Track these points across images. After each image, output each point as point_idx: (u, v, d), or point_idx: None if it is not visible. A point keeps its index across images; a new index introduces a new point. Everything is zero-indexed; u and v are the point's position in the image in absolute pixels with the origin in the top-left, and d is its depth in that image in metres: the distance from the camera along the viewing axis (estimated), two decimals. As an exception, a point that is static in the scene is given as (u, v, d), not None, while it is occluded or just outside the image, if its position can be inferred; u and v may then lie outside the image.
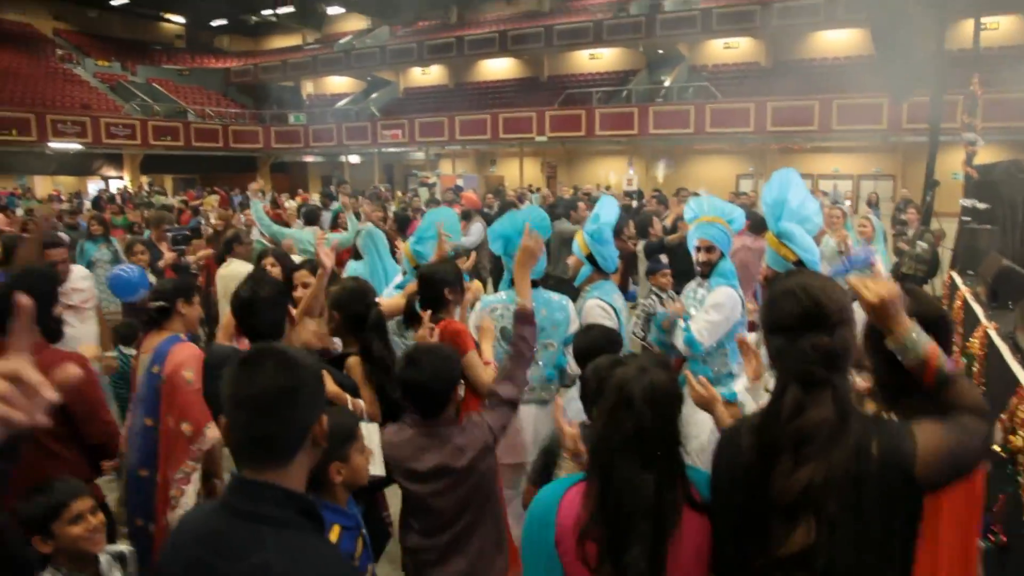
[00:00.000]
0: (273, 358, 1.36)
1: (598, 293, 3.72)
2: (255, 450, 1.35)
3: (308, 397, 1.38)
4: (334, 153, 30.70)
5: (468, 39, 29.11)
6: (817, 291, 1.49)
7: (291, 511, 1.34)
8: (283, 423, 1.34)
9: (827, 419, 1.42)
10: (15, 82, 26.44)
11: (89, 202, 22.55)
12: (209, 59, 37.45)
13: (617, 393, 1.59)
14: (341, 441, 2.05)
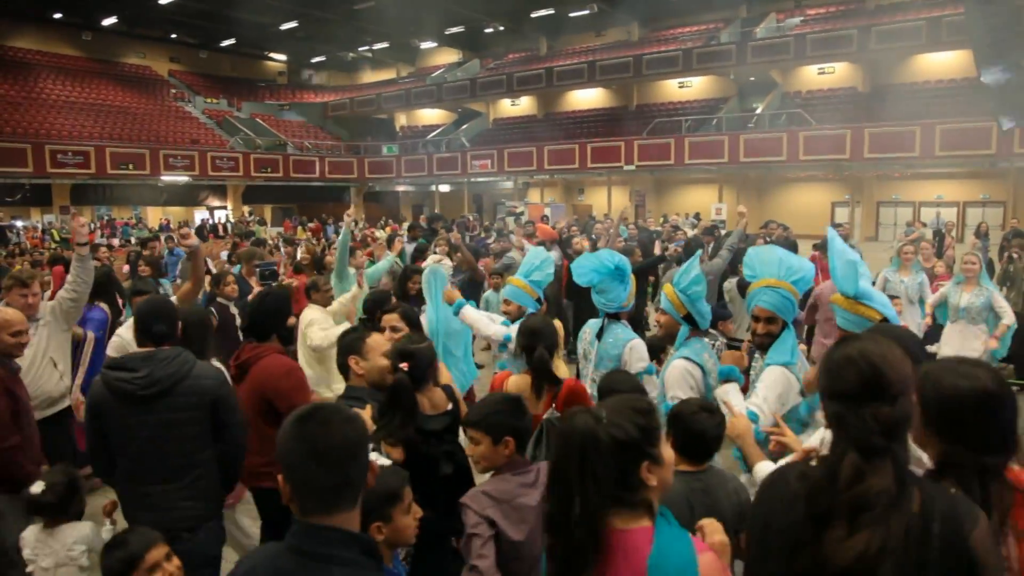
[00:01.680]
0: (337, 414, 1.50)
1: (688, 352, 3.34)
2: (326, 497, 1.47)
3: (366, 449, 1.53)
4: (425, 183, 31.46)
5: (557, 70, 29.42)
6: (878, 359, 1.47)
7: (356, 551, 1.46)
8: (351, 472, 1.48)
9: (887, 488, 1.41)
10: (133, 120, 28.35)
11: (194, 231, 23.88)
12: (308, 94, 39.15)
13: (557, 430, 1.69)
14: (384, 501, 2.12)
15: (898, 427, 1.46)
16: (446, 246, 9.31)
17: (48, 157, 23.06)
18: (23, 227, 23.03)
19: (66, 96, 28.50)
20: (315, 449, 1.45)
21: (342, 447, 1.46)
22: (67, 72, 30.65)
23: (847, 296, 3.01)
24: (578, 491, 1.56)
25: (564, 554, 1.57)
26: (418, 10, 27.84)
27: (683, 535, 1.64)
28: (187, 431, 2.83)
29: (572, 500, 1.56)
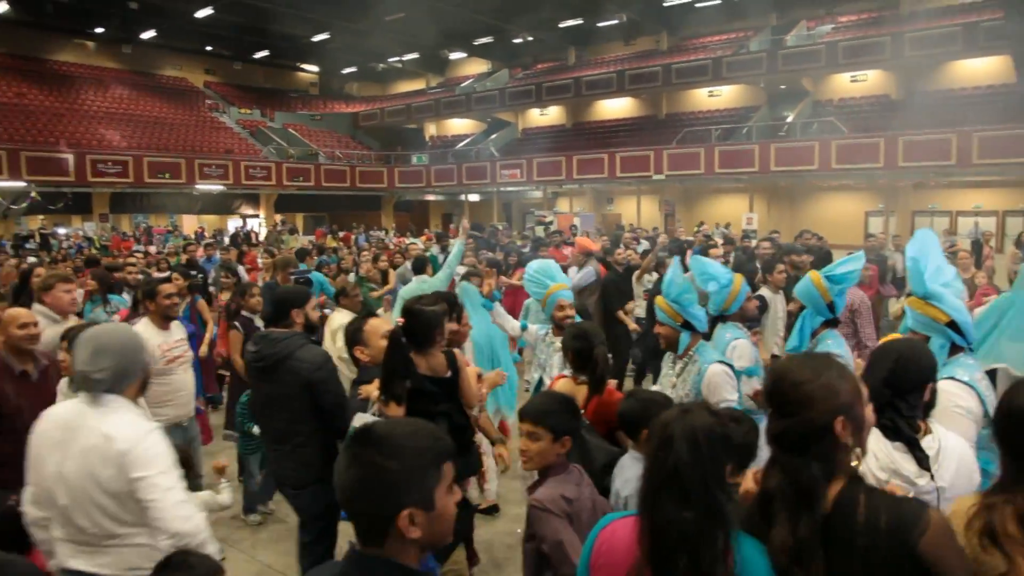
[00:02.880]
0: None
1: (716, 355, 3.59)
2: (358, 527, 1.49)
3: (387, 487, 1.45)
4: (454, 192, 31.68)
5: (586, 79, 29.53)
6: (779, 376, 1.65)
7: None
8: (365, 509, 1.47)
9: (773, 489, 1.60)
10: (170, 131, 28.95)
11: (228, 238, 24.30)
12: (340, 104, 39.65)
13: (659, 432, 1.65)
14: None
15: (788, 438, 1.58)
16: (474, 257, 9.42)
17: (89, 166, 23.63)
18: (65, 234, 23.56)
19: (107, 107, 29.21)
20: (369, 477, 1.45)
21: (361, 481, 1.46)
22: (107, 84, 31.42)
23: (917, 296, 3.05)
24: (719, 491, 1.57)
25: (698, 569, 1.55)
26: (447, 21, 28.15)
27: (757, 541, 1.67)
28: (289, 404, 3.41)
29: (712, 502, 1.56)
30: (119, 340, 2.47)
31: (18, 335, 3.60)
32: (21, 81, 28.51)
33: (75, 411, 2.42)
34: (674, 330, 3.60)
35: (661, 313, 3.61)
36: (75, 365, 2.43)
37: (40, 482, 2.44)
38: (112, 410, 2.39)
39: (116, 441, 2.31)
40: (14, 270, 10.82)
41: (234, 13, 28.24)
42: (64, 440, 2.38)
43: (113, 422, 2.36)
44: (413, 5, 26.71)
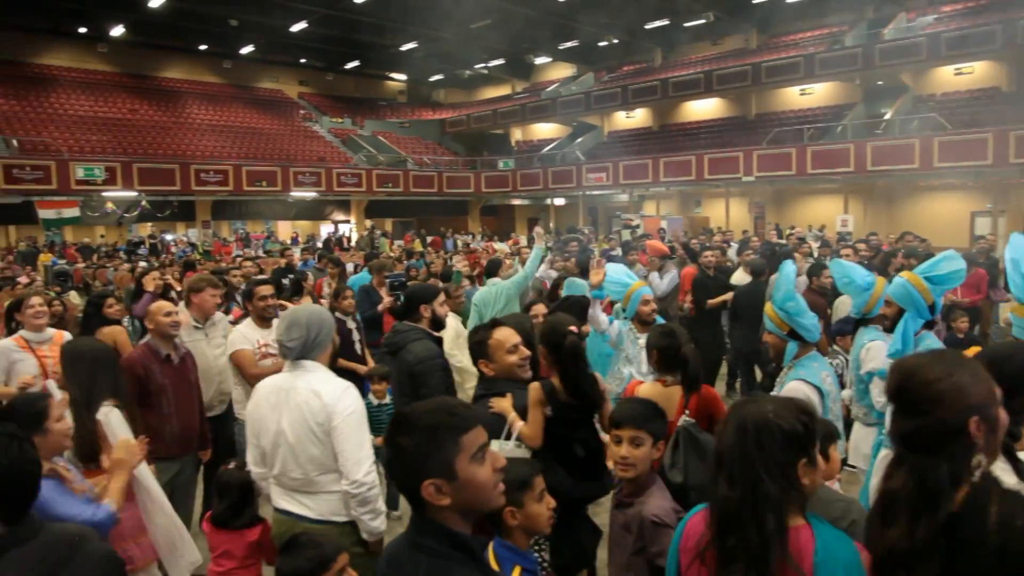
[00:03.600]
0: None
1: (804, 373, 3.32)
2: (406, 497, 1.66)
3: (407, 462, 1.62)
4: (540, 196, 31.83)
5: (672, 81, 29.18)
6: (906, 375, 1.61)
7: (445, 544, 1.59)
8: (398, 484, 1.66)
9: (897, 490, 1.56)
10: (267, 140, 30.18)
11: (321, 243, 25.11)
12: (427, 111, 40.43)
13: (726, 418, 1.76)
14: (513, 488, 2.20)
15: (917, 438, 1.55)
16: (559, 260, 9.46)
17: (193, 176, 24.90)
18: (172, 240, 24.87)
19: (209, 120, 30.70)
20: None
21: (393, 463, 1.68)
22: (210, 98, 33.02)
23: (1020, 302, 2.96)
24: (765, 475, 1.62)
25: (751, 548, 1.61)
26: (533, 27, 28.31)
27: (843, 534, 1.70)
28: (401, 388, 3.86)
29: (758, 485, 1.62)
30: (306, 316, 3.01)
31: (164, 322, 4.13)
32: (133, 97, 30.30)
33: (283, 377, 2.98)
34: (781, 339, 3.46)
35: (769, 322, 3.48)
36: (277, 335, 3.08)
37: (262, 442, 2.97)
38: (311, 372, 2.93)
39: (323, 395, 2.82)
40: (128, 274, 11.52)
41: (327, 26, 29.20)
42: (280, 401, 2.90)
43: (317, 380, 2.90)
44: (499, 12, 27.02)
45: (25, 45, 29.99)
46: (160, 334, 4.15)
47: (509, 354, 3.07)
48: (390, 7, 25.68)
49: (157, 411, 4.03)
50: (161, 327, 4.13)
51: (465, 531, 1.64)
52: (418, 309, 3.99)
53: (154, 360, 4.10)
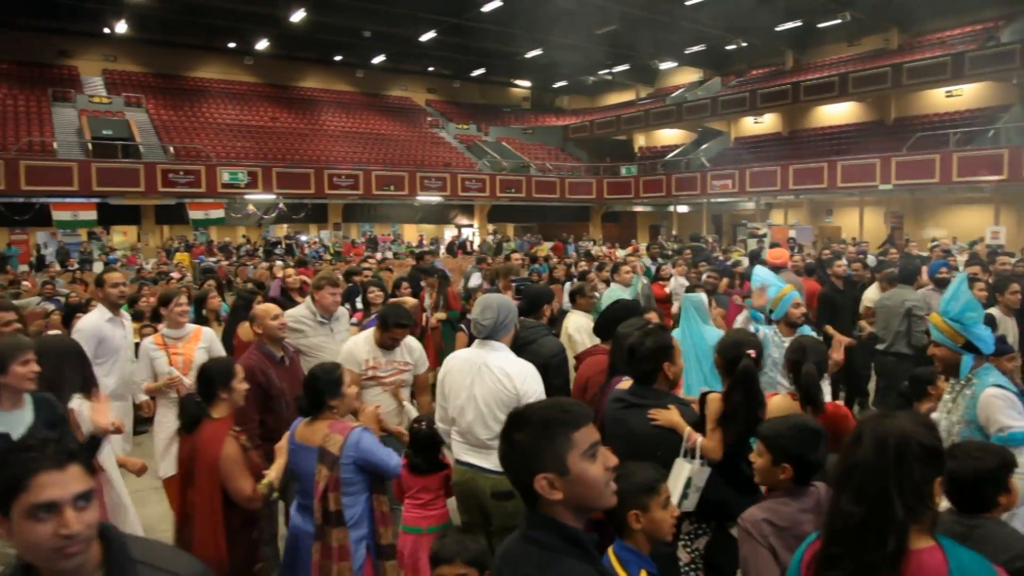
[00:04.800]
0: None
1: (994, 379, 3.17)
2: (519, 492, 1.70)
3: (521, 456, 1.66)
4: (663, 203, 31.36)
5: (804, 84, 28.06)
6: None
7: (556, 537, 1.62)
8: (512, 480, 1.70)
9: None
10: (395, 146, 31.26)
11: (444, 247, 25.75)
12: (550, 118, 40.72)
13: (854, 431, 1.70)
14: (639, 492, 2.26)
15: None
16: (684, 267, 9.32)
17: (326, 180, 26.13)
18: (306, 241, 26.20)
19: (342, 127, 32.16)
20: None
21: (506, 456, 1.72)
22: (343, 106, 34.61)
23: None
24: (897, 494, 1.55)
25: (862, 566, 1.57)
26: (658, 31, 27.95)
27: (980, 556, 1.60)
28: None
29: (887, 505, 1.56)
30: (497, 302, 3.63)
31: (273, 325, 4.21)
32: (274, 106, 32.18)
33: (475, 352, 3.59)
34: (953, 352, 3.24)
35: (938, 333, 3.27)
36: (472, 315, 3.73)
37: (449, 404, 3.56)
38: (499, 351, 3.55)
39: (513, 377, 3.41)
40: (267, 271, 12.24)
41: (454, 35, 29.96)
42: (472, 373, 3.50)
43: (505, 359, 3.51)
44: (624, 18, 26.86)
45: (182, 60, 32.62)
46: (270, 337, 4.22)
47: (680, 357, 3.19)
48: (516, 16, 26.04)
49: (276, 414, 4.10)
50: (270, 331, 4.21)
51: (569, 524, 1.67)
52: (541, 308, 4.49)
53: (270, 365, 4.17)
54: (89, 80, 29.89)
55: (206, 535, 3.00)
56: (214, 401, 3.19)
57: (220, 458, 3.01)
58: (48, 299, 11.28)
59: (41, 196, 21.43)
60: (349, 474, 3.10)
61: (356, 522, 3.13)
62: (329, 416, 3.22)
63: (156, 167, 23.35)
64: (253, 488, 3.07)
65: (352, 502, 3.13)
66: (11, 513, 1.45)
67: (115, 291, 5.12)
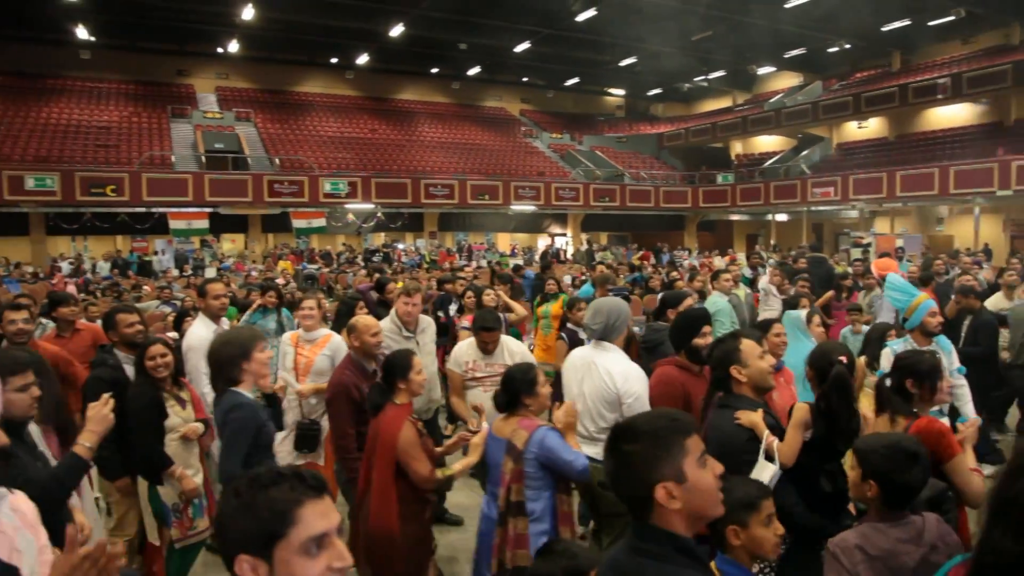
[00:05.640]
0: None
1: None
2: (628, 508, 1.69)
3: (637, 466, 1.65)
4: (760, 212, 30.59)
5: (913, 86, 26.80)
6: None
7: (668, 548, 1.61)
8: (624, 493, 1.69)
9: None
10: (489, 156, 31.70)
11: (538, 256, 25.88)
12: (644, 126, 40.38)
13: (1011, 460, 1.51)
14: (737, 507, 2.20)
15: None
16: (779, 277, 9.06)
17: (422, 190, 26.75)
18: (403, 249, 26.86)
19: (437, 137, 32.87)
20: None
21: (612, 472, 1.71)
22: (439, 117, 35.38)
23: None
24: None
25: None
26: (756, 36, 27.33)
27: None
28: None
29: None
30: (607, 306, 3.94)
31: (371, 342, 4.27)
32: (373, 118, 33.22)
33: (588, 351, 3.95)
34: None
35: None
36: (585, 319, 4.10)
37: (566, 397, 3.86)
38: (608, 352, 3.84)
39: (615, 377, 3.70)
40: (368, 279, 12.62)
41: (548, 45, 30.16)
42: (583, 370, 3.86)
43: (612, 360, 3.79)
44: (720, 23, 26.42)
45: (288, 76, 34.13)
46: (365, 352, 4.26)
47: (760, 359, 3.10)
48: (610, 24, 26.02)
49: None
50: (367, 346, 4.24)
51: (684, 534, 1.66)
52: (666, 313, 4.95)
53: (363, 380, 4.18)
54: (204, 97, 31.68)
55: (380, 508, 3.35)
56: (395, 389, 3.53)
57: (398, 440, 3.35)
58: (165, 303, 11.95)
59: (159, 206, 22.88)
60: (532, 469, 3.25)
61: (538, 516, 3.25)
62: (523, 413, 3.40)
63: (263, 178, 24.50)
64: (430, 471, 3.37)
65: (535, 496, 3.26)
66: (274, 553, 1.29)
67: (217, 302, 5.24)
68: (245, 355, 3.25)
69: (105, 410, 2.75)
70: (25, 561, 1.89)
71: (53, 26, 27.40)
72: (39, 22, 27.11)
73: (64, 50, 29.36)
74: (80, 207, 22.29)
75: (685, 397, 3.61)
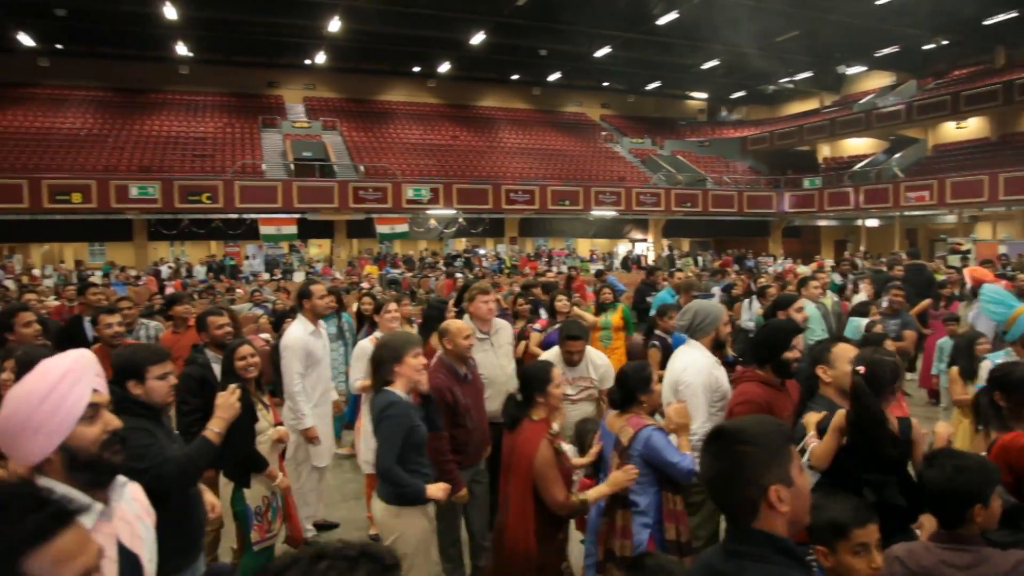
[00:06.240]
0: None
1: None
2: (728, 511, 1.69)
3: (750, 467, 1.63)
4: (849, 217, 29.56)
5: (1020, 83, 25.40)
6: None
7: (768, 549, 1.60)
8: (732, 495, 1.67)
9: None
10: (569, 161, 31.67)
11: (619, 262, 25.72)
12: (727, 129, 39.62)
13: None
14: (827, 530, 2.10)
15: None
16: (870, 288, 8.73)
17: (503, 195, 26.94)
18: (484, 254, 27.12)
19: (518, 143, 33.04)
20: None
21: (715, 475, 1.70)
22: (519, 123, 35.56)
23: None
24: None
25: None
26: (846, 35, 26.45)
27: None
28: None
29: None
30: (696, 307, 4.24)
31: (464, 344, 4.26)
32: (454, 125, 33.67)
33: (682, 348, 4.20)
34: None
35: None
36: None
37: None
38: (691, 348, 4.12)
39: (675, 362, 4.12)
40: (450, 283, 12.83)
41: (629, 50, 29.95)
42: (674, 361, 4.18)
43: (687, 353, 4.10)
44: (807, 22, 25.68)
45: (372, 86, 34.99)
46: (457, 355, 4.26)
47: (847, 363, 3.04)
48: (693, 27, 25.62)
49: (464, 428, 4.20)
50: (460, 349, 4.23)
51: (786, 538, 1.65)
52: (776, 315, 4.95)
53: (455, 383, 4.22)
54: (292, 107, 32.76)
55: (517, 526, 3.33)
56: (533, 403, 3.47)
57: (535, 461, 3.30)
58: (257, 305, 12.41)
59: (251, 212, 23.76)
60: (637, 465, 3.32)
61: (643, 510, 3.33)
62: (636, 410, 3.46)
63: (348, 185, 25.14)
64: (565, 496, 3.30)
65: (640, 491, 3.33)
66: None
67: (322, 303, 5.48)
68: (397, 359, 3.46)
69: (232, 399, 3.00)
70: (145, 548, 1.97)
71: (155, 44, 28.90)
72: (143, 41, 28.74)
73: (165, 66, 30.91)
74: (178, 214, 23.39)
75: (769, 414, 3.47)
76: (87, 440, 1.71)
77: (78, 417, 1.69)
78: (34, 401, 1.64)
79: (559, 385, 3.56)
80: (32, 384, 1.68)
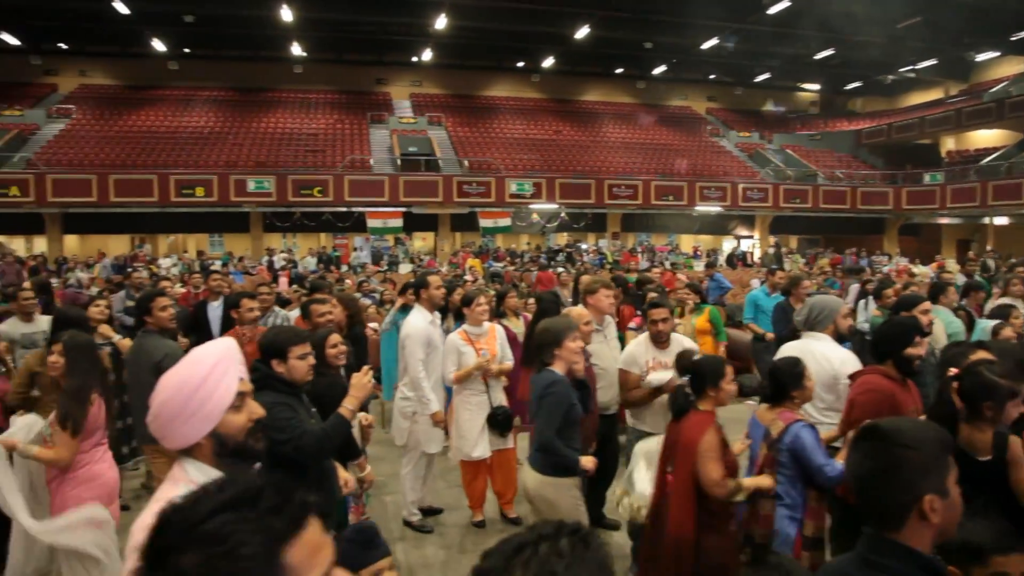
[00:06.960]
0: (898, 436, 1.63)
1: None
2: (872, 515, 1.61)
3: (909, 473, 1.56)
4: (975, 214, 27.77)
5: None
6: None
7: (912, 566, 1.53)
8: (882, 498, 1.59)
9: None
10: (674, 156, 31.11)
11: (724, 259, 25.14)
12: (841, 122, 37.97)
13: None
14: (963, 552, 1.95)
15: None
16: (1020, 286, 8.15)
17: (606, 190, 26.78)
18: (585, 249, 27.03)
19: (622, 138, 32.75)
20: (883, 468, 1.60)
21: (868, 475, 1.62)
22: (623, 117, 35.21)
23: None
24: None
25: None
26: (977, 19, 24.81)
27: None
28: None
29: None
30: (812, 301, 4.40)
31: (586, 331, 4.40)
32: (557, 120, 33.68)
33: (804, 342, 4.27)
34: None
35: None
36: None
37: None
38: (820, 340, 4.23)
39: (832, 361, 4.07)
40: (555, 276, 12.86)
41: (737, 41, 29.17)
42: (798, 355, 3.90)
43: (826, 347, 4.17)
44: (933, 6, 24.24)
45: (476, 81, 35.47)
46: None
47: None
48: (806, 15, 24.64)
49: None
50: (583, 336, 4.30)
51: (927, 554, 1.58)
52: (900, 315, 4.79)
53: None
54: (399, 103, 33.60)
55: (679, 515, 3.35)
56: (703, 395, 3.51)
57: (700, 442, 3.34)
58: (365, 295, 12.81)
59: (359, 206, 24.59)
60: (784, 459, 3.37)
61: (788, 503, 3.37)
62: (788, 405, 3.51)
63: (452, 179, 25.59)
64: (722, 475, 3.31)
65: (786, 483, 3.38)
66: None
67: (438, 293, 5.67)
68: (557, 342, 3.74)
69: (365, 379, 3.16)
70: None
71: (272, 45, 30.33)
72: (261, 42, 30.27)
73: (280, 65, 32.36)
74: (291, 207, 24.48)
75: (893, 409, 3.34)
76: (235, 427, 1.79)
77: (228, 405, 1.78)
78: (189, 389, 1.73)
79: (732, 381, 3.56)
80: (187, 373, 1.77)
